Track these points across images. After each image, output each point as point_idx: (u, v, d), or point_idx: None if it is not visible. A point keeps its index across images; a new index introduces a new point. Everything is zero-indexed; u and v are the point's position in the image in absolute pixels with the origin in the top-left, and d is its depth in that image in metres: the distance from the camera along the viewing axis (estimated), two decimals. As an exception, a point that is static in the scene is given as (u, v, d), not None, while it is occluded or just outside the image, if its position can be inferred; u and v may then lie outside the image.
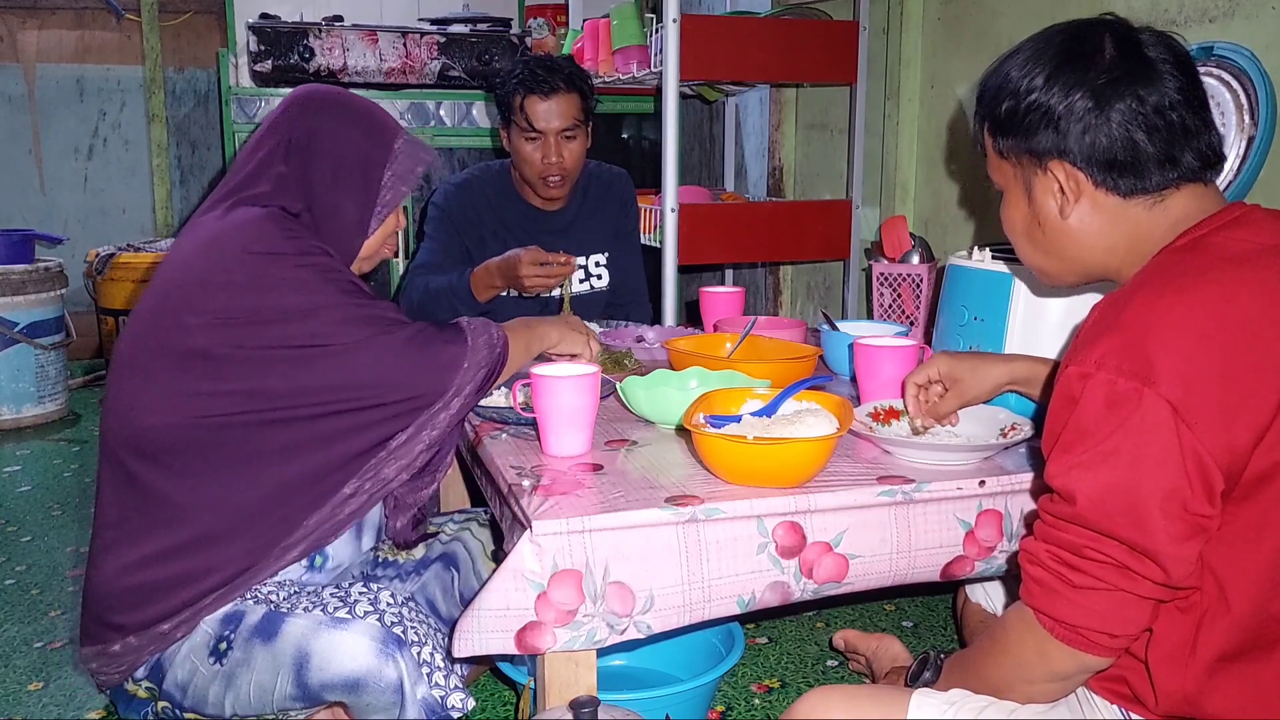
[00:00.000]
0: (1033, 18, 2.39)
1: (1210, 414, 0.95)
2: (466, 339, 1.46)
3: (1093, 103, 1.07)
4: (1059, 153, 1.10)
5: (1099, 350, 0.99)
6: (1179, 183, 1.08)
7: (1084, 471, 0.99)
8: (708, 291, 2.21)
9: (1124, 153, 1.07)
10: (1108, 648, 1.01)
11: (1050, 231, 1.15)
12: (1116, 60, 1.07)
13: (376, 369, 1.38)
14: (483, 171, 2.47)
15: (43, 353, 3.79)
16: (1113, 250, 1.12)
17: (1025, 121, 1.11)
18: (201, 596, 1.38)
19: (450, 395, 1.44)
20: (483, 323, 1.51)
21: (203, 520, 1.37)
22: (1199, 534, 0.97)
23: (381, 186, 1.51)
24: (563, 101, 2.28)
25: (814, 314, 3.48)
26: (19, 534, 2.74)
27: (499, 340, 1.50)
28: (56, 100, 4.85)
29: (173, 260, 1.43)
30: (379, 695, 1.30)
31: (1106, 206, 1.11)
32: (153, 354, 1.37)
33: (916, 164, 2.90)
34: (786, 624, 2.17)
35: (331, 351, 1.36)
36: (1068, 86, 1.08)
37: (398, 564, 1.66)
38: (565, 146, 2.30)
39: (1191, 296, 0.99)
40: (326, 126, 1.49)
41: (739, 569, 1.23)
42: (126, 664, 1.40)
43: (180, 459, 1.36)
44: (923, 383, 1.43)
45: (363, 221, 1.51)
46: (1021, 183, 1.16)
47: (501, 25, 4.11)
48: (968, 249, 1.80)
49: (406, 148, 1.53)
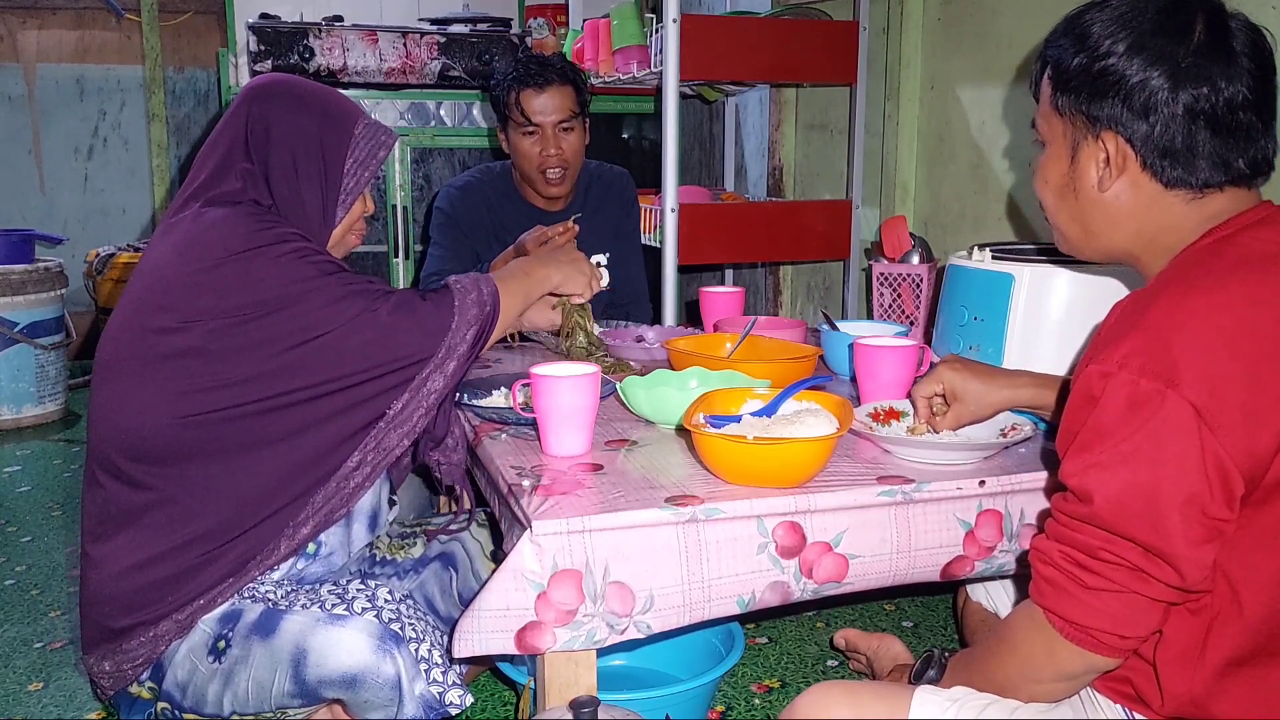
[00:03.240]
0: (1033, 18, 2.39)
1: (1234, 418, 0.94)
2: (454, 300, 1.46)
3: (1168, 82, 1.03)
4: (1118, 124, 1.07)
5: (1121, 350, 0.98)
6: (1223, 185, 1.07)
7: (1102, 472, 0.98)
8: (708, 291, 2.21)
9: (1182, 142, 1.04)
10: (1117, 649, 1.01)
11: (1083, 199, 1.13)
12: (1204, 43, 1.04)
13: (369, 345, 1.39)
14: (484, 173, 2.47)
15: (43, 353, 3.79)
16: (1139, 234, 1.11)
17: (1095, 84, 1.07)
18: (210, 588, 1.38)
19: (442, 357, 1.44)
20: (472, 279, 1.51)
21: (210, 514, 1.37)
22: (1216, 538, 0.96)
23: (344, 174, 1.50)
24: (557, 94, 2.29)
25: (814, 314, 3.48)
26: (19, 534, 2.73)
27: (488, 296, 1.49)
28: (56, 100, 4.85)
29: (151, 262, 1.41)
30: (377, 691, 1.30)
31: (1146, 190, 1.09)
32: (139, 357, 1.36)
33: (916, 164, 2.90)
34: (786, 624, 2.17)
35: (326, 339, 1.36)
36: (1149, 60, 1.04)
37: (395, 562, 1.66)
38: (563, 139, 2.30)
39: (1218, 298, 0.98)
40: (281, 118, 1.47)
41: (739, 569, 1.23)
42: (140, 662, 1.40)
43: (179, 456, 1.36)
44: (929, 395, 1.42)
45: (326, 211, 1.49)
46: (1068, 142, 1.13)
47: (501, 25, 4.11)
48: (968, 249, 1.80)
49: (366, 132, 1.51)
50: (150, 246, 1.45)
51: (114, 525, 1.40)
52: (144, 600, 1.37)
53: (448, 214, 2.39)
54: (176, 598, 1.37)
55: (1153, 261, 1.12)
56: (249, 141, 1.46)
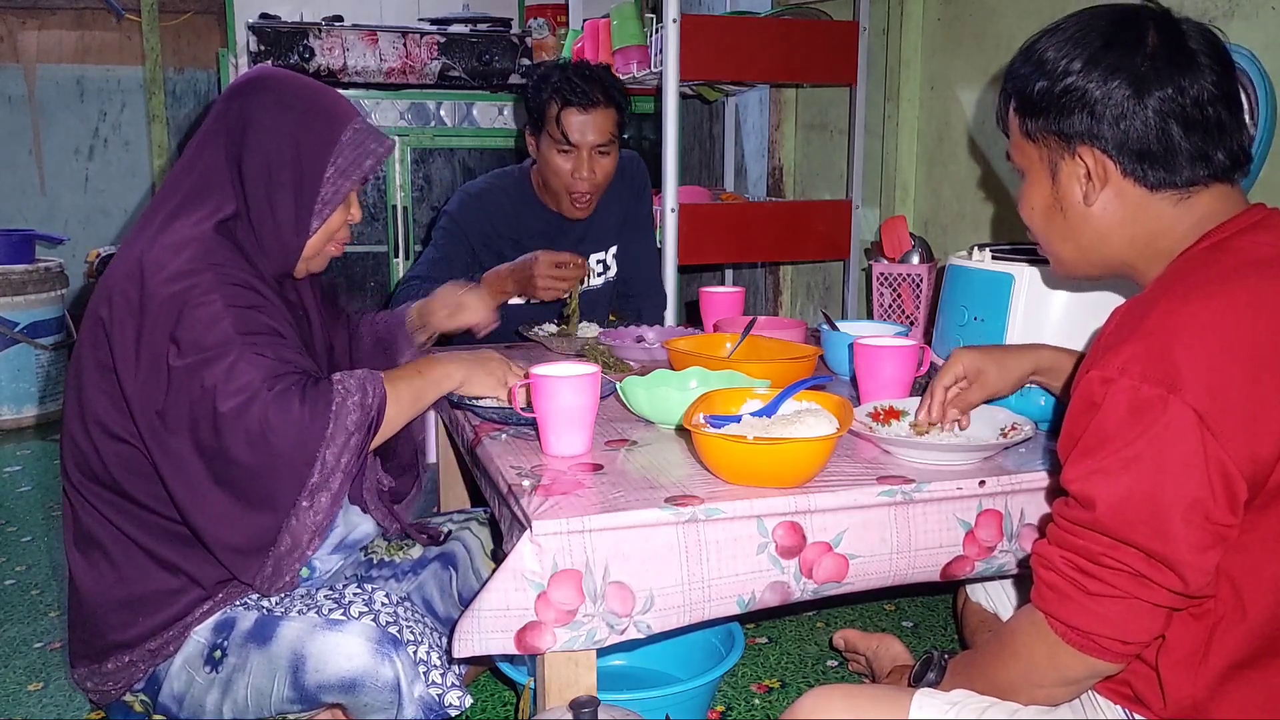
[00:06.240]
0: (1033, 18, 2.39)
1: (1236, 423, 0.93)
2: (332, 403, 1.31)
3: (1131, 90, 1.05)
4: (1091, 138, 1.08)
5: (1122, 355, 0.98)
6: (1208, 181, 1.07)
7: (1104, 478, 0.98)
8: (708, 291, 2.21)
9: (1157, 144, 1.06)
10: (1120, 654, 1.01)
11: (1071, 216, 1.13)
12: (1159, 49, 1.05)
13: (252, 446, 1.27)
14: (501, 179, 2.39)
15: (43, 353, 3.79)
16: (1131, 242, 1.11)
17: (1060, 103, 1.09)
18: (194, 606, 1.38)
19: (316, 471, 1.30)
20: (359, 380, 1.35)
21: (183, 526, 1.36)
22: (1219, 543, 0.96)
23: (322, 182, 1.40)
24: (600, 116, 2.20)
25: (814, 314, 3.48)
26: (19, 534, 2.74)
27: (374, 401, 1.34)
28: (57, 100, 4.85)
29: (113, 277, 1.34)
30: (376, 695, 1.30)
31: (1132, 198, 1.09)
32: (86, 376, 1.35)
33: (916, 164, 2.90)
34: (786, 624, 2.17)
35: (220, 414, 1.27)
36: (1108, 72, 1.06)
37: (394, 564, 1.66)
38: (598, 162, 2.23)
39: (1218, 302, 0.98)
40: (260, 117, 1.38)
41: (739, 569, 1.23)
42: (123, 681, 1.40)
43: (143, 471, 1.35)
44: (950, 384, 1.40)
45: (300, 220, 1.40)
46: (1046, 165, 1.14)
47: (501, 25, 4.11)
48: (968, 249, 1.80)
49: (354, 139, 1.41)
50: (116, 256, 1.38)
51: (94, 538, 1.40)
52: (130, 616, 1.38)
53: (457, 221, 2.31)
54: (163, 612, 1.37)
55: (1149, 269, 1.12)
56: (227, 140, 1.39)
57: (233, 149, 1.39)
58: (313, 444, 1.28)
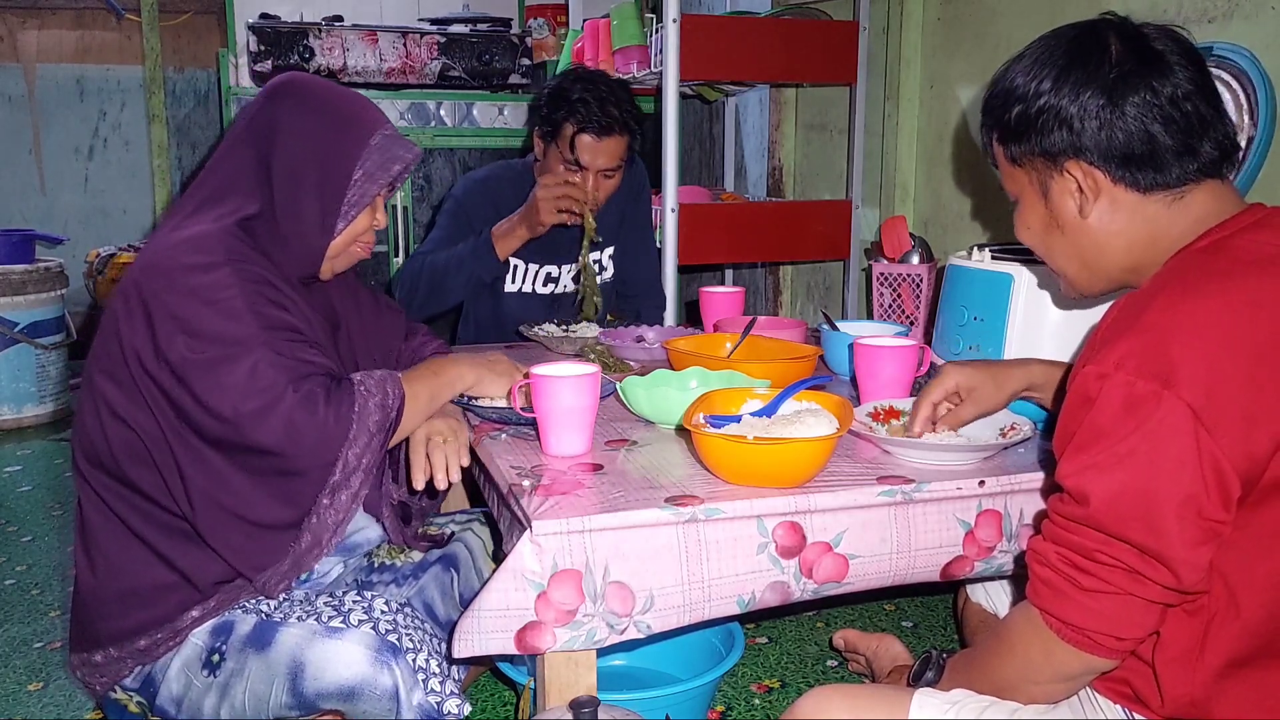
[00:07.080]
0: (1032, 18, 2.39)
1: (1232, 420, 0.94)
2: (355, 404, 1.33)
3: (1105, 99, 1.06)
4: (1075, 151, 1.09)
5: (1118, 351, 0.98)
6: (1199, 177, 1.07)
7: (1098, 473, 0.98)
8: (708, 291, 2.21)
9: (1141, 146, 1.06)
10: (1115, 650, 1.01)
11: (1070, 232, 1.14)
12: (1125, 55, 1.06)
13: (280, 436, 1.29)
14: (505, 169, 2.44)
15: (43, 353, 3.79)
16: (1131, 248, 1.11)
17: (1037, 124, 1.10)
18: (186, 607, 1.38)
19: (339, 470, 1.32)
20: (379, 380, 1.39)
21: (185, 520, 1.36)
22: (1212, 539, 0.96)
23: (349, 184, 1.42)
24: (614, 143, 2.22)
25: (814, 314, 3.48)
26: (19, 534, 2.74)
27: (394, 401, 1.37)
28: (57, 100, 4.85)
29: (133, 271, 1.36)
30: (375, 703, 1.30)
31: (1126, 203, 1.10)
32: (99, 368, 1.36)
33: (916, 164, 2.90)
34: (786, 624, 2.17)
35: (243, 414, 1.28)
36: (1078, 85, 1.07)
37: (395, 567, 1.65)
38: (603, 184, 2.25)
39: (1217, 300, 0.98)
40: (288, 119, 1.41)
41: (739, 569, 1.23)
42: (109, 675, 1.40)
43: (148, 461, 1.36)
44: (939, 400, 1.40)
45: (326, 222, 1.43)
46: (1037, 187, 1.15)
47: (501, 25, 4.12)
48: (968, 249, 1.80)
49: (382, 144, 1.44)
50: (144, 248, 1.42)
51: (96, 527, 1.41)
52: (123, 608, 1.38)
53: (460, 203, 2.37)
54: (155, 610, 1.37)
55: (1152, 273, 1.12)
56: (256, 140, 1.42)
57: (262, 151, 1.41)
58: (336, 445, 1.31)
